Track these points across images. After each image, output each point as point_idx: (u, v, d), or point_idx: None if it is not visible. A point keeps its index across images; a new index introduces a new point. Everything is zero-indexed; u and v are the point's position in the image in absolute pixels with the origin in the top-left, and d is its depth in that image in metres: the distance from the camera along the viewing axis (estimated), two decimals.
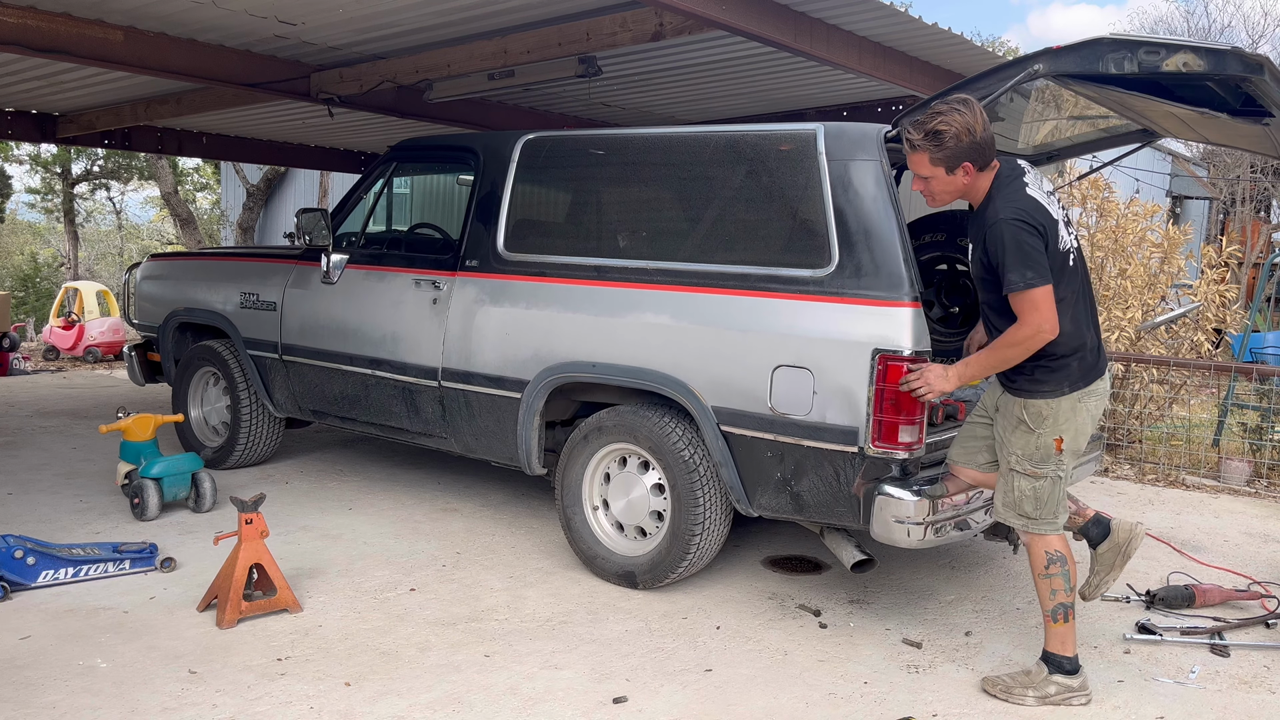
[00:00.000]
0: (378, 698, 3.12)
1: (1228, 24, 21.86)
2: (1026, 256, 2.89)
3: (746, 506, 3.86)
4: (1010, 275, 2.91)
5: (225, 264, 5.96)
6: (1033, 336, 2.93)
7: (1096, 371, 3.12)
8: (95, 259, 29.47)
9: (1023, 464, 3.13)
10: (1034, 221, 2.92)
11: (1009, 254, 2.90)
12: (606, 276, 4.17)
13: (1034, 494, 3.13)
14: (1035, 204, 2.98)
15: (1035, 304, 2.90)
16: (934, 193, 3.10)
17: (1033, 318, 2.91)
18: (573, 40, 5.00)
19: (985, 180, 3.06)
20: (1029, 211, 2.94)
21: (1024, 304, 2.92)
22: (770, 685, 3.32)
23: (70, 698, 3.04)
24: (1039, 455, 3.11)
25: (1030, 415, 3.10)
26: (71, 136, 8.48)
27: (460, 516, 5.11)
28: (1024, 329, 2.93)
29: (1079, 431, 3.12)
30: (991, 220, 2.96)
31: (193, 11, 4.98)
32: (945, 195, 3.10)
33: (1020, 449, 3.13)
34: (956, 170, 3.01)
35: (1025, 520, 3.17)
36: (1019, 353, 2.98)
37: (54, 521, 4.76)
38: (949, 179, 3.04)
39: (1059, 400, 3.07)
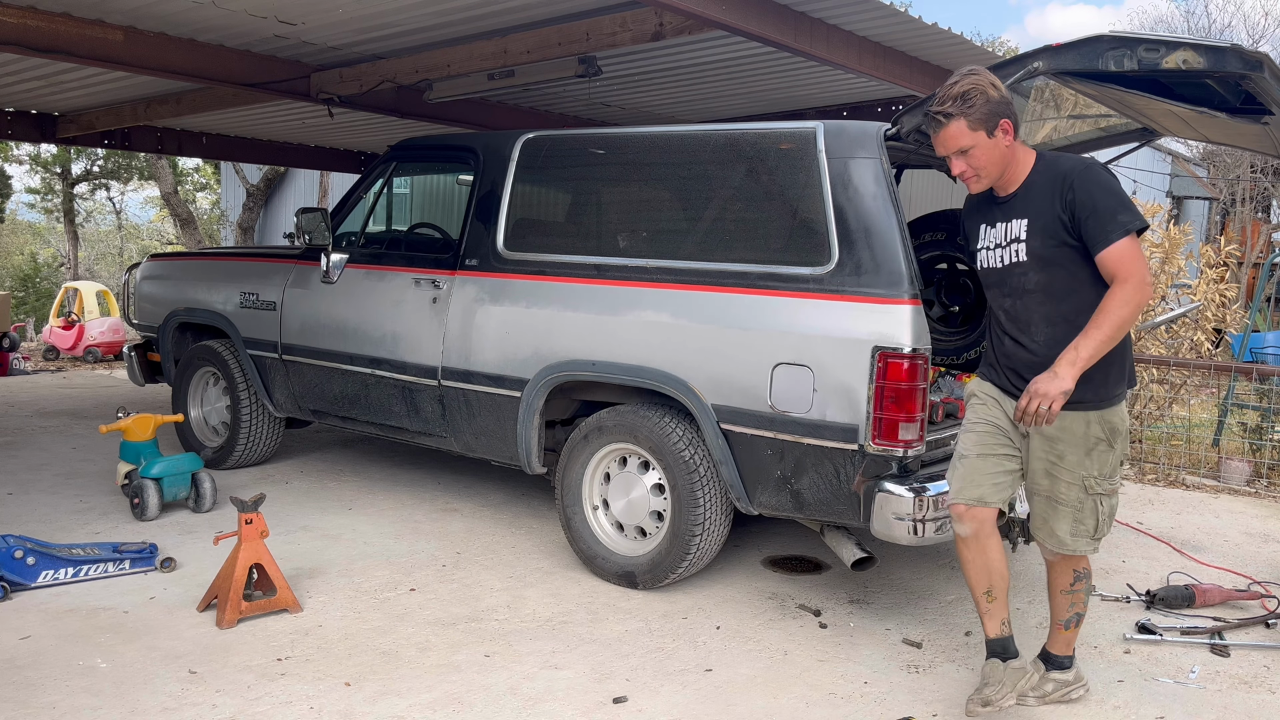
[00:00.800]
0: (378, 698, 3.12)
1: (1228, 23, 21.87)
2: (1124, 199, 2.66)
3: (747, 504, 3.86)
4: (1120, 217, 2.64)
5: (225, 264, 5.95)
6: (1141, 291, 2.63)
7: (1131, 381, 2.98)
8: (95, 259, 29.49)
9: (1103, 484, 2.90)
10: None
11: (1112, 195, 2.67)
12: (606, 275, 4.17)
13: (1111, 511, 2.94)
14: None
15: (1138, 253, 2.64)
16: (979, 167, 2.81)
17: (1138, 268, 2.62)
18: (573, 40, 5.00)
19: (1025, 152, 2.84)
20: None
21: (1128, 254, 2.63)
22: (770, 685, 3.31)
23: (70, 698, 3.04)
24: (1113, 469, 2.90)
25: (1109, 430, 2.86)
26: (71, 136, 8.48)
27: (460, 516, 5.11)
28: (1132, 285, 2.62)
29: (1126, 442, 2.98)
30: (1078, 168, 2.73)
31: (193, 11, 4.98)
32: (991, 167, 2.81)
33: (1099, 469, 2.89)
34: (996, 131, 2.76)
35: (1096, 543, 2.97)
36: (1132, 313, 2.65)
37: (54, 521, 4.76)
38: (991, 144, 2.77)
39: (1120, 410, 2.87)
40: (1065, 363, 2.66)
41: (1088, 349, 2.65)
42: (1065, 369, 2.65)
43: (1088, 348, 2.66)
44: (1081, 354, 2.65)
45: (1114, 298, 2.64)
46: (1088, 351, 2.66)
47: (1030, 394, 2.67)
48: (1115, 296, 2.64)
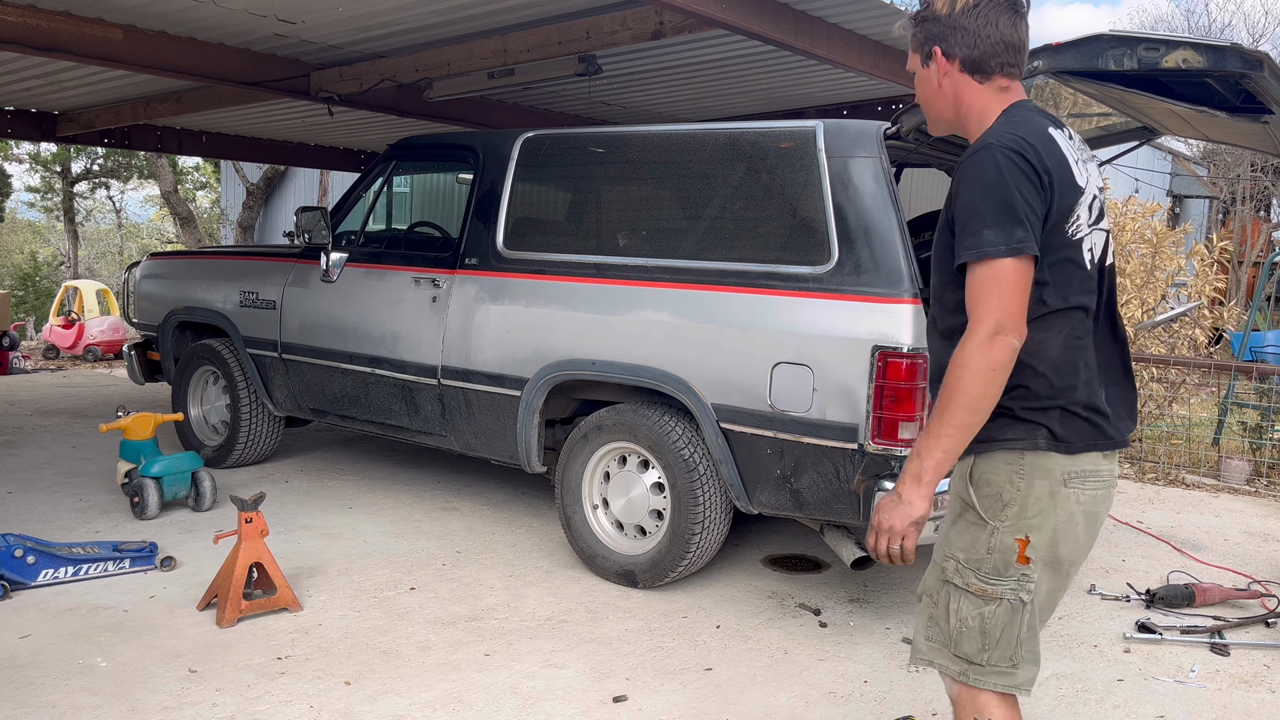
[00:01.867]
0: (378, 696, 3.12)
1: (1228, 23, 21.87)
2: (1007, 206, 1.82)
3: (746, 504, 3.86)
4: (977, 230, 1.83)
5: (225, 263, 5.95)
6: (997, 343, 1.79)
7: (1096, 438, 1.94)
8: (95, 258, 29.49)
9: (965, 574, 1.99)
10: (1036, 161, 1.85)
11: (982, 195, 1.85)
12: (606, 274, 4.17)
13: (980, 624, 1.97)
14: (1049, 143, 1.91)
15: (998, 280, 1.80)
16: (920, 100, 2.17)
17: (991, 304, 1.80)
18: (573, 39, 5.00)
19: (981, 96, 2.02)
20: (1032, 145, 1.87)
21: (982, 280, 1.82)
22: (770, 684, 3.31)
23: (70, 697, 3.04)
24: (992, 561, 1.96)
25: (980, 491, 1.97)
26: (71, 135, 8.48)
27: (460, 515, 5.11)
28: (976, 330, 1.81)
29: (1060, 534, 1.94)
30: (972, 150, 1.93)
31: (192, 10, 4.98)
32: (930, 107, 2.12)
33: (963, 549, 2.00)
34: (930, 61, 2.06)
35: (962, 665, 2.01)
36: (979, 382, 1.81)
37: (54, 520, 4.76)
38: (924, 75, 2.09)
39: (1026, 467, 1.93)
40: (907, 477, 1.90)
41: (930, 448, 1.87)
42: (908, 487, 1.90)
43: (929, 446, 1.87)
44: (925, 460, 1.87)
45: (953, 360, 1.84)
46: (932, 453, 1.86)
47: (874, 529, 1.97)
48: (954, 358, 1.84)
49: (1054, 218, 1.89)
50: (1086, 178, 1.98)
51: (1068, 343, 1.93)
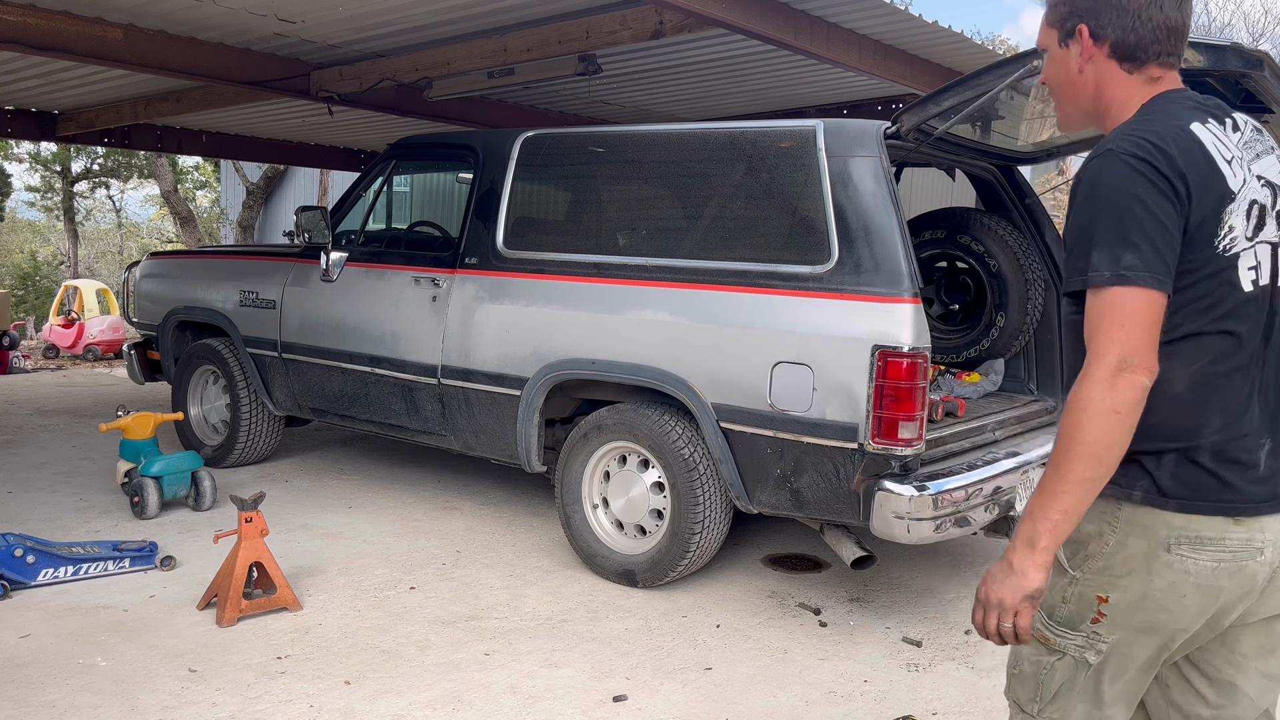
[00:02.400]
0: (378, 696, 3.12)
1: (1228, 22, 21.87)
2: (1119, 226, 1.53)
3: (746, 503, 3.86)
4: (1085, 252, 1.57)
5: (225, 262, 5.95)
6: (1112, 381, 1.51)
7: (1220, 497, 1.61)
8: (95, 257, 29.49)
9: (1048, 625, 1.74)
10: (1166, 168, 1.53)
11: (1091, 211, 1.57)
12: (606, 273, 4.17)
13: (1035, 672, 1.77)
14: (1188, 141, 1.58)
15: (1121, 313, 1.51)
16: (1048, 82, 1.82)
17: (1111, 335, 1.52)
18: (572, 38, 5.00)
19: (1126, 88, 1.70)
20: (1160, 148, 1.55)
21: (1099, 309, 1.54)
22: (770, 683, 3.31)
23: (70, 696, 3.04)
24: (1065, 610, 1.71)
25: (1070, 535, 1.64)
26: (71, 135, 8.48)
27: (460, 515, 5.11)
28: (1096, 366, 1.53)
29: (1157, 603, 1.62)
30: (1089, 156, 1.64)
31: (192, 10, 4.98)
32: (1062, 96, 1.80)
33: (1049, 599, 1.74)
34: (1070, 41, 1.73)
35: (1015, 709, 1.84)
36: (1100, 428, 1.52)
37: (54, 520, 4.76)
38: (1058, 56, 1.76)
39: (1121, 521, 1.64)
40: (1019, 542, 1.60)
41: (1046, 508, 1.57)
42: (1020, 554, 1.59)
43: (1045, 506, 1.57)
44: (1040, 522, 1.57)
45: (1069, 403, 1.57)
46: (1048, 514, 1.56)
47: (979, 604, 1.65)
48: (1070, 400, 1.57)
49: (1192, 230, 1.55)
50: (1244, 179, 1.61)
51: (1200, 376, 1.60)
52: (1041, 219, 4.75)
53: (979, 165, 4.65)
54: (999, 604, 1.61)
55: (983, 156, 4.54)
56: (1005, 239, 4.61)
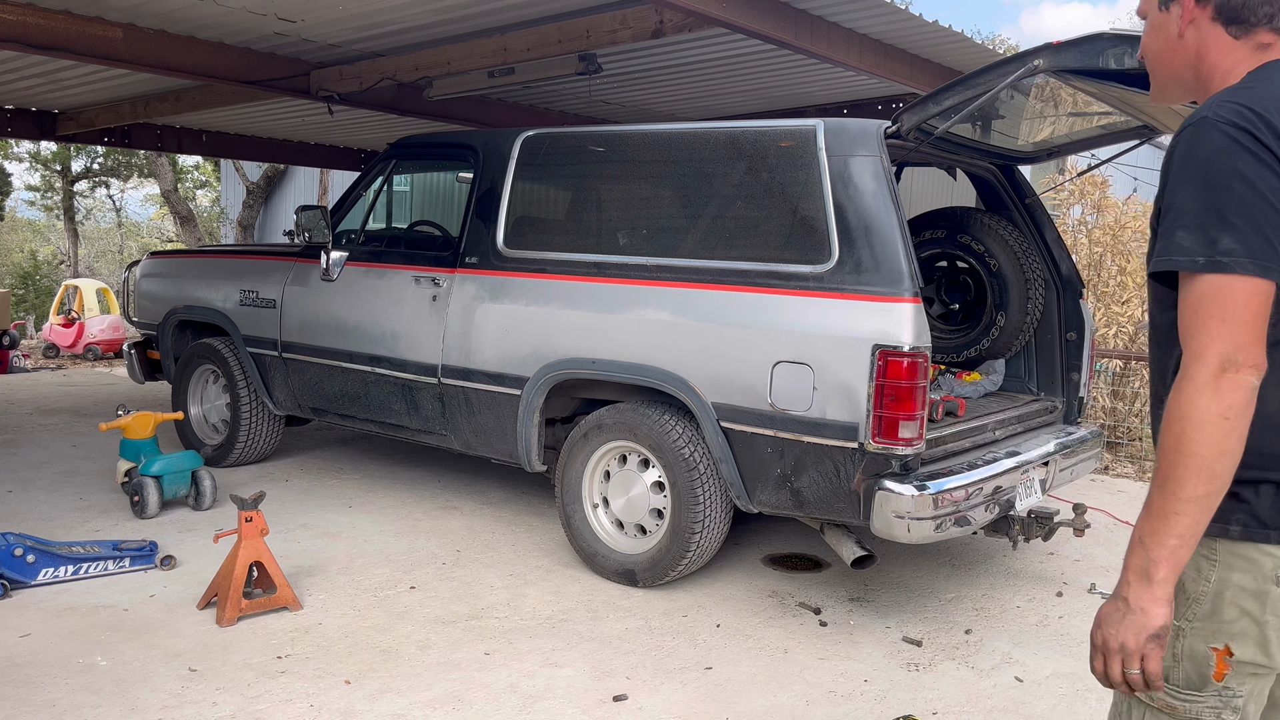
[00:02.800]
0: (378, 695, 3.12)
1: None
2: (1215, 204, 1.35)
3: (747, 503, 3.86)
4: (1171, 231, 1.39)
5: (225, 262, 5.95)
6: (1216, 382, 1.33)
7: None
8: (95, 256, 29.48)
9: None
10: (1268, 138, 1.36)
11: (1185, 186, 1.39)
12: (606, 273, 4.17)
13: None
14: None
15: (1223, 305, 1.34)
16: (1145, 52, 1.65)
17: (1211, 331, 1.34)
18: (573, 38, 5.00)
19: (1232, 54, 1.52)
20: (1265, 116, 1.37)
21: (1196, 299, 1.36)
22: (770, 683, 3.31)
23: (70, 695, 3.04)
24: (1181, 672, 1.49)
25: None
26: (71, 134, 8.48)
27: (460, 514, 5.11)
28: (1196, 368, 1.35)
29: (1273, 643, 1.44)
30: (1183, 125, 1.45)
31: (192, 9, 4.98)
32: (1161, 64, 1.62)
33: None
34: (1171, 4, 1.57)
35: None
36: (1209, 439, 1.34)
37: (54, 519, 4.76)
38: (1159, 21, 1.59)
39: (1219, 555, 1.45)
40: (1132, 575, 1.40)
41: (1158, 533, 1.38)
42: (1137, 589, 1.39)
43: (1157, 531, 1.38)
44: (1154, 550, 1.38)
45: (1169, 412, 1.38)
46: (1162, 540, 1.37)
47: (1097, 651, 1.46)
48: (1170, 409, 1.38)
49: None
50: None
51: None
52: (1042, 218, 4.75)
53: (979, 165, 4.65)
54: (1121, 649, 1.41)
55: (983, 156, 4.54)
56: (1006, 238, 4.61)
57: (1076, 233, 8.34)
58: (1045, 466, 4.12)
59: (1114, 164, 6.01)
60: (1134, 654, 1.40)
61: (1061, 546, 4.93)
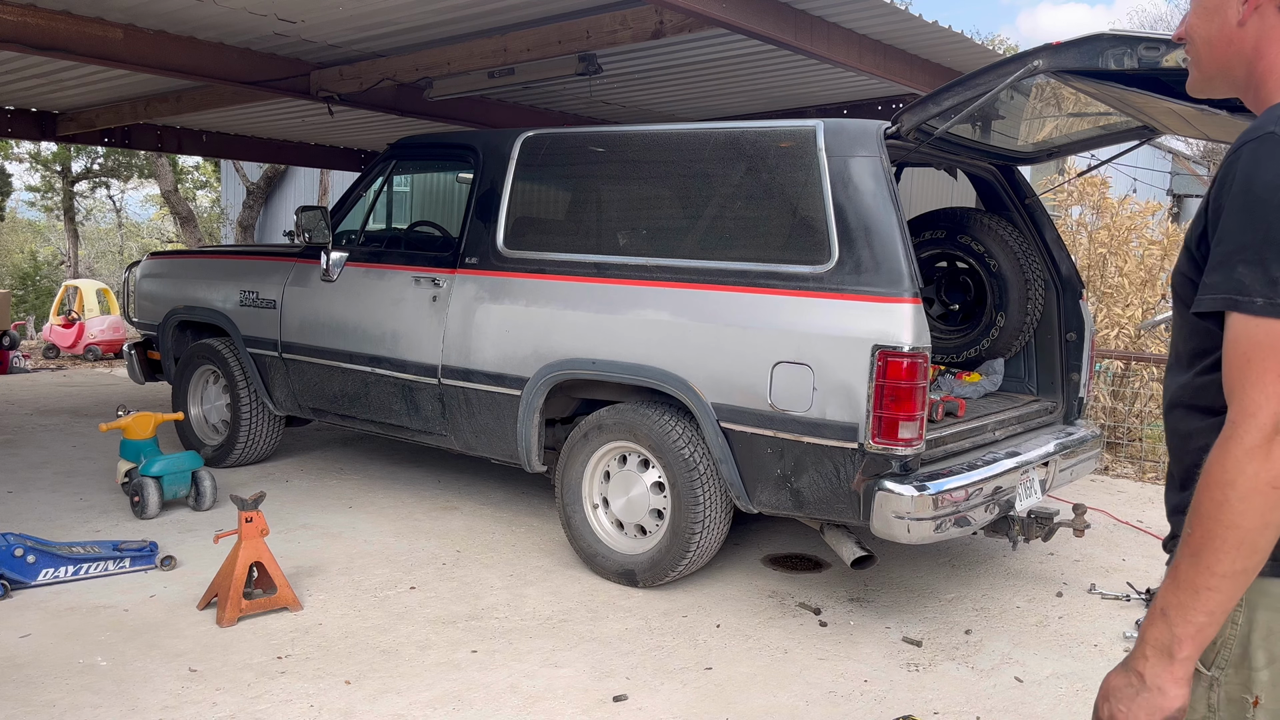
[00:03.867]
0: (378, 696, 3.12)
1: None
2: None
3: (746, 503, 3.86)
4: (1230, 264, 1.21)
5: (225, 262, 5.95)
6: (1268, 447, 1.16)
7: None
8: (95, 257, 29.49)
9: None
10: None
11: (1246, 212, 1.20)
12: (606, 273, 4.17)
13: None
14: None
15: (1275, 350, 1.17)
16: (1190, 33, 1.43)
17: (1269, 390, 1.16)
18: (573, 38, 5.00)
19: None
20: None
21: (1249, 347, 1.19)
22: (770, 683, 3.31)
23: (70, 696, 3.04)
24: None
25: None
26: (71, 134, 8.48)
27: (460, 514, 5.11)
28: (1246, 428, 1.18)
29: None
30: (1243, 139, 1.25)
31: (192, 9, 4.98)
32: (1211, 56, 1.40)
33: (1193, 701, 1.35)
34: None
35: None
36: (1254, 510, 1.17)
37: (54, 520, 4.76)
38: (1214, 6, 1.38)
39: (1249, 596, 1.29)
40: (1151, 650, 1.27)
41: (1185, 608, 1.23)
42: (1155, 665, 1.26)
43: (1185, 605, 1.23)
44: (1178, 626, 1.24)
45: (1208, 474, 1.22)
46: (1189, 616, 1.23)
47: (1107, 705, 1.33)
48: (1210, 472, 1.21)
49: None
50: None
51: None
52: (1041, 219, 4.75)
53: (979, 165, 4.65)
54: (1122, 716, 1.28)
55: (983, 156, 4.54)
56: (1005, 239, 4.62)
57: (1076, 233, 8.35)
58: (1045, 467, 4.13)
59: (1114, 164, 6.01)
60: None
61: (1061, 547, 4.93)
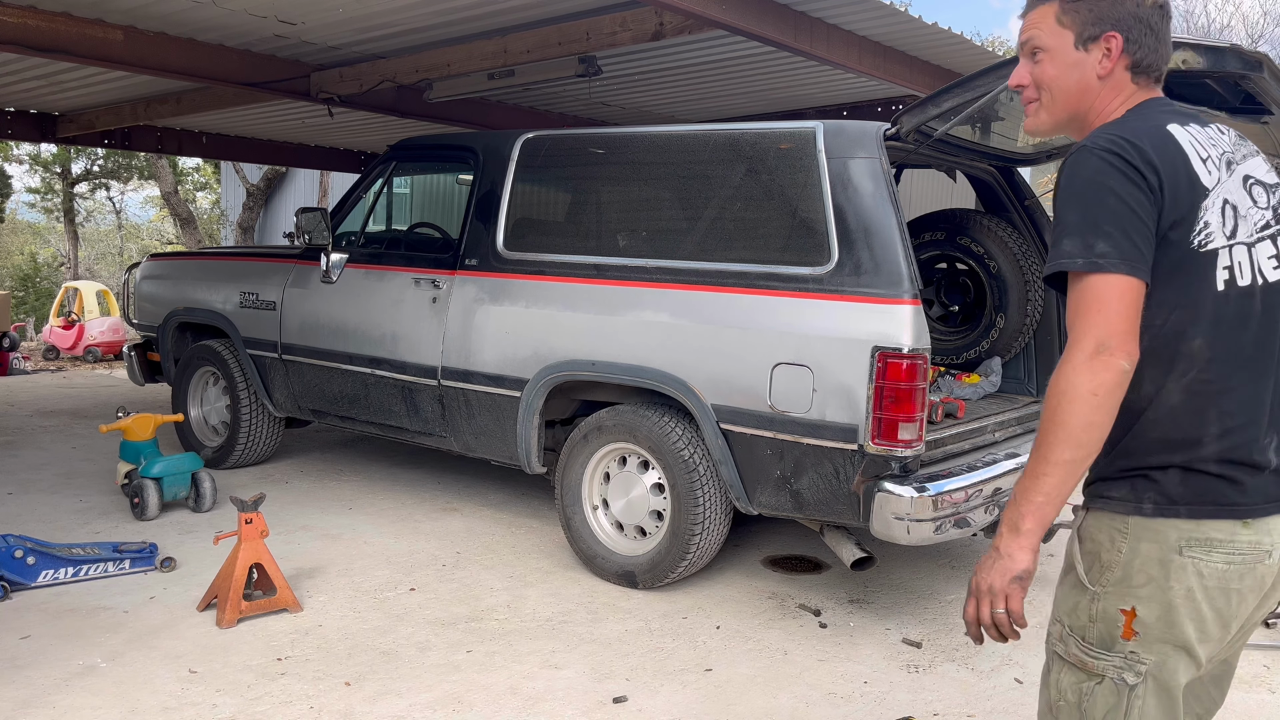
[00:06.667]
0: (378, 697, 3.12)
1: (1227, 23, 21.87)
2: (1100, 214, 1.56)
3: (746, 504, 3.86)
4: (1064, 242, 1.59)
5: (225, 264, 5.95)
6: (1097, 365, 1.53)
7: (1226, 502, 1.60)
8: (95, 259, 29.50)
9: (1067, 641, 1.69)
10: (1137, 159, 1.56)
11: (1066, 202, 1.61)
12: (606, 275, 4.17)
13: (1078, 701, 1.68)
14: (1162, 139, 1.61)
15: (1099, 299, 1.55)
16: (1041, 82, 1.76)
17: (1089, 320, 1.55)
18: (573, 40, 5.01)
19: (1122, 98, 1.72)
20: (1133, 142, 1.58)
21: (1076, 297, 1.58)
22: (770, 685, 3.31)
23: (70, 697, 3.04)
24: (1096, 630, 1.65)
25: (1083, 548, 1.69)
26: (71, 136, 8.49)
27: (460, 516, 5.11)
28: (1075, 350, 1.56)
29: (1178, 612, 1.60)
30: (1066, 156, 1.66)
31: (192, 11, 4.99)
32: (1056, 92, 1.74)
33: (1067, 613, 1.70)
34: (1094, 45, 1.70)
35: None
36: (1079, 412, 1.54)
37: (54, 521, 4.76)
38: (1072, 59, 1.71)
39: (1130, 530, 1.62)
40: (1004, 526, 1.63)
41: (1028, 491, 1.59)
42: (1005, 538, 1.62)
43: (1027, 489, 1.60)
44: (1023, 505, 1.60)
45: (1050, 386, 1.60)
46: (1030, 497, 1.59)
47: (971, 594, 1.67)
48: (1051, 385, 1.59)
49: (1164, 228, 1.57)
50: (1219, 178, 1.62)
51: (1194, 385, 1.60)
52: (1041, 220, 4.76)
53: (979, 167, 4.65)
54: (989, 590, 1.63)
55: (982, 158, 4.54)
56: (1005, 240, 4.62)
57: None
58: None
59: None
60: (999, 594, 1.61)
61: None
